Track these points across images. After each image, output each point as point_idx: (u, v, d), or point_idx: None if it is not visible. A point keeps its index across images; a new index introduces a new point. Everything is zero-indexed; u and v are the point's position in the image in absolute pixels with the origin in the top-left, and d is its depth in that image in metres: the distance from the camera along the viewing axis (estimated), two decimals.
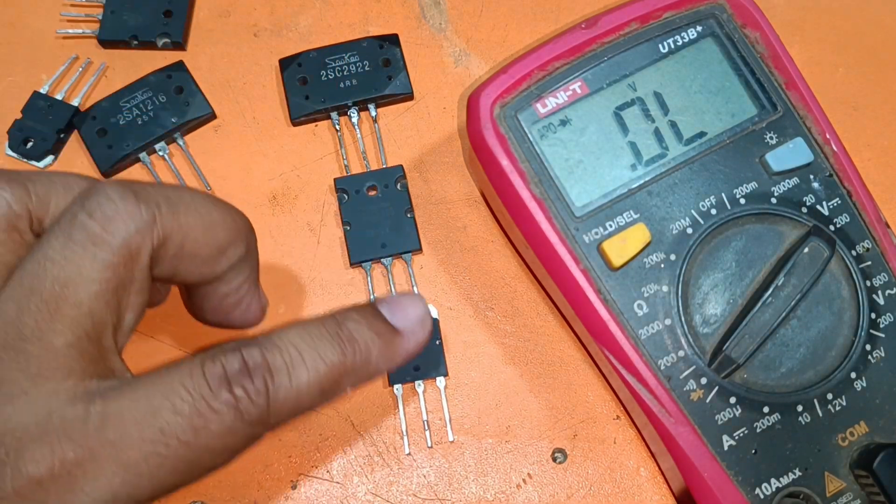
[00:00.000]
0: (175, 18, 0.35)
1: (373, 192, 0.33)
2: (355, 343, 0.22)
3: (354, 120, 0.34)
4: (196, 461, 0.19)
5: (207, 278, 0.22)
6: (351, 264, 0.32)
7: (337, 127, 0.34)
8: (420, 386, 0.31)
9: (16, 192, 0.20)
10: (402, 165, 0.33)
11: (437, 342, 0.31)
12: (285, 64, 0.34)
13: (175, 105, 0.34)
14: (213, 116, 0.35)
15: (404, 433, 0.31)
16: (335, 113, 0.34)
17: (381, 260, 0.32)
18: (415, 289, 0.32)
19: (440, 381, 0.31)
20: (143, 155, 0.34)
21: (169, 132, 0.34)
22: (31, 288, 0.19)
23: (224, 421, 0.19)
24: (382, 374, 0.23)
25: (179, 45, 0.35)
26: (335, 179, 0.33)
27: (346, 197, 0.32)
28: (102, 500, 0.18)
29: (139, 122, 0.33)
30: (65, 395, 0.19)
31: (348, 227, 0.32)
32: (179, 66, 0.35)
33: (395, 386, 0.31)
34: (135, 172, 0.34)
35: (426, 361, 0.31)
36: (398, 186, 0.33)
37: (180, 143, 0.34)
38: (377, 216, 0.32)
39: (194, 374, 0.19)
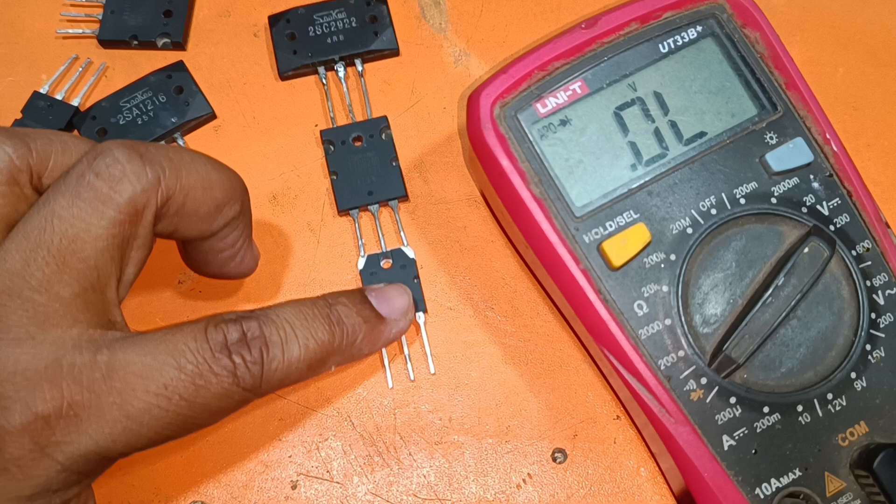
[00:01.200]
0: (175, 18, 0.35)
1: (358, 143, 0.33)
2: (344, 326, 0.23)
3: (341, 74, 0.35)
4: (192, 418, 0.20)
5: (205, 234, 0.23)
6: (339, 212, 0.33)
7: (324, 81, 0.35)
8: None
9: (17, 148, 0.21)
10: (386, 116, 0.34)
11: (416, 280, 0.32)
12: (274, 20, 0.35)
13: (175, 105, 0.34)
14: (213, 116, 0.35)
15: (386, 367, 0.31)
16: (322, 67, 0.35)
17: (369, 207, 0.33)
18: (401, 233, 0.33)
19: (420, 316, 0.32)
20: None
21: (169, 132, 0.34)
22: (38, 242, 0.20)
23: (222, 384, 0.20)
24: (365, 357, 0.25)
25: (179, 45, 0.35)
26: (321, 131, 0.33)
27: (332, 148, 0.33)
28: (103, 443, 0.19)
29: (139, 122, 0.33)
30: (71, 343, 0.20)
31: (335, 177, 0.33)
32: (179, 66, 0.35)
33: None
34: None
35: None
36: (383, 136, 0.33)
37: (180, 143, 0.34)
38: (363, 165, 0.33)
39: (198, 338, 0.20)
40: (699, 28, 0.29)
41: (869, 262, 0.28)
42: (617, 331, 0.27)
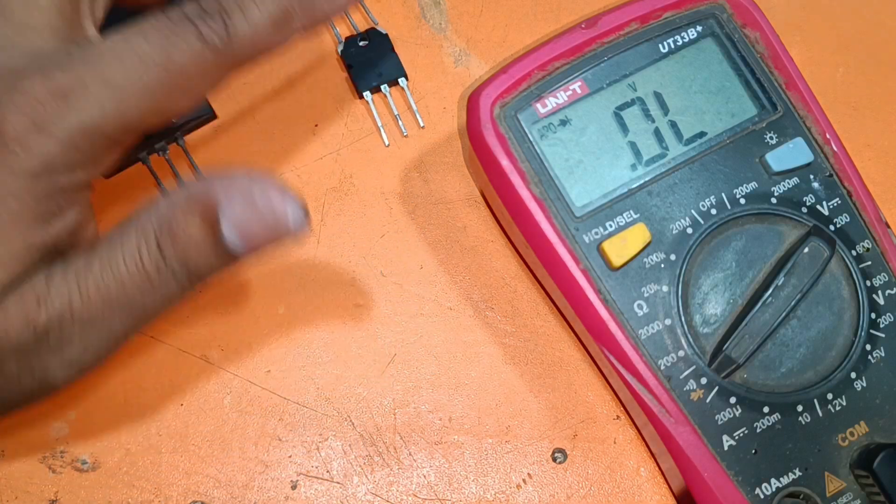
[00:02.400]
0: None
1: None
2: None
3: None
4: (172, 83, 0.22)
5: None
6: None
7: None
8: (385, 88, 0.34)
9: None
10: None
11: (393, 52, 0.34)
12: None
13: None
14: (213, 116, 0.34)
15: (380, 127, 0.33)
16: None
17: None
18: (370, 16, 0.34)
19: (402, 81, 0.34)
20: (142, 155, 0.33)
21: (169, 132, 0.34)
22: None
23: (192, 46, 0.22)
24: (328, 18, 0.26)
25: None
26: None
27: None
28: (96, 115, 0.21)
29: None
30: (49, 44, 0.22)
31: None
32: None
33: (365, 93, 0.34)
34: (134, 172, 0.34)
35: (387, 68, 0.34)
36: None
37: (180, 143, 0.34)
38: None
39: (158, 17, 0.22)
40: (699, 28, 0.29)
41: (869, 262, 0.28)
42: (617, 331, 0.27)
